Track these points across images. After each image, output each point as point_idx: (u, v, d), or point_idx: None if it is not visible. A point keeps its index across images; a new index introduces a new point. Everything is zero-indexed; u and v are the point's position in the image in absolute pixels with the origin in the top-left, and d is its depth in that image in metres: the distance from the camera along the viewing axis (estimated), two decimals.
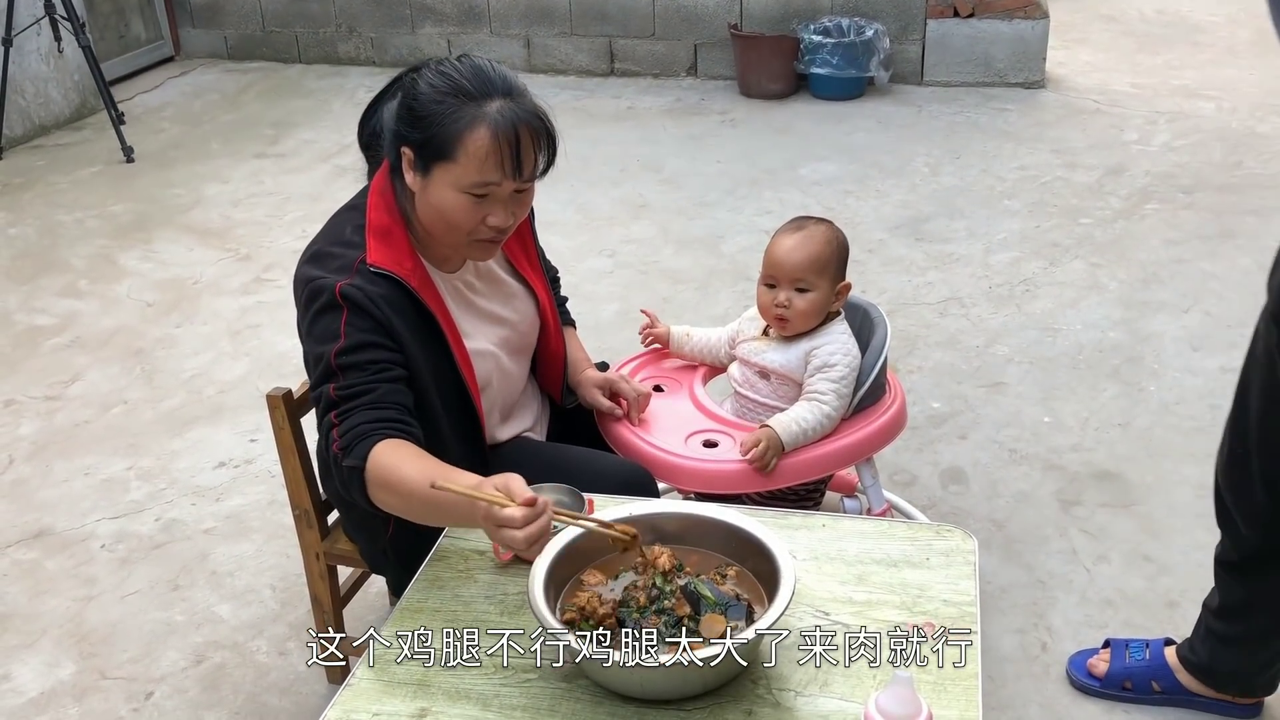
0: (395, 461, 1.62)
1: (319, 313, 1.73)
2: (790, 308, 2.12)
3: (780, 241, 2.13)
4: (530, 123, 1.72)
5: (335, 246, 1.79)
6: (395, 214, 1.81)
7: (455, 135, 1.69)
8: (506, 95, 1.71)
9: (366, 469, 1.64)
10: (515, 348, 2.01)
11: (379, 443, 1.65)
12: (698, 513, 1.63)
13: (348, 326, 1.70)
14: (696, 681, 1.40)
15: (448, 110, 1.69)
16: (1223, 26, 6.93)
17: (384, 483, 1.63)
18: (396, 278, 1.75)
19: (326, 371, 1.71)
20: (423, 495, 1.57)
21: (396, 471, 1.61)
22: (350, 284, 1.71)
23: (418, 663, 1.50)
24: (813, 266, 2.10)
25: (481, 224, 1.75)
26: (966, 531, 1.71)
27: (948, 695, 1.40)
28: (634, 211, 4.61)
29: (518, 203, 1.78)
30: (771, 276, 2.13)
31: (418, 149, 1.73)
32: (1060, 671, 2.27)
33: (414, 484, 1.59)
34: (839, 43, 5.59)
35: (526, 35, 6.40)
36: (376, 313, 1.71)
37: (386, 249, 1.77)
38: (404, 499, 1.62)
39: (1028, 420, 3.11)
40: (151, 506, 2.94)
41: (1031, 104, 5.62)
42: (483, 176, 1.70)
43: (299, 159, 5.34)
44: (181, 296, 4.08)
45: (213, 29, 6.88)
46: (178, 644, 2.47)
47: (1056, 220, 4.34)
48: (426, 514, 1.63)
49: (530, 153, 1.72)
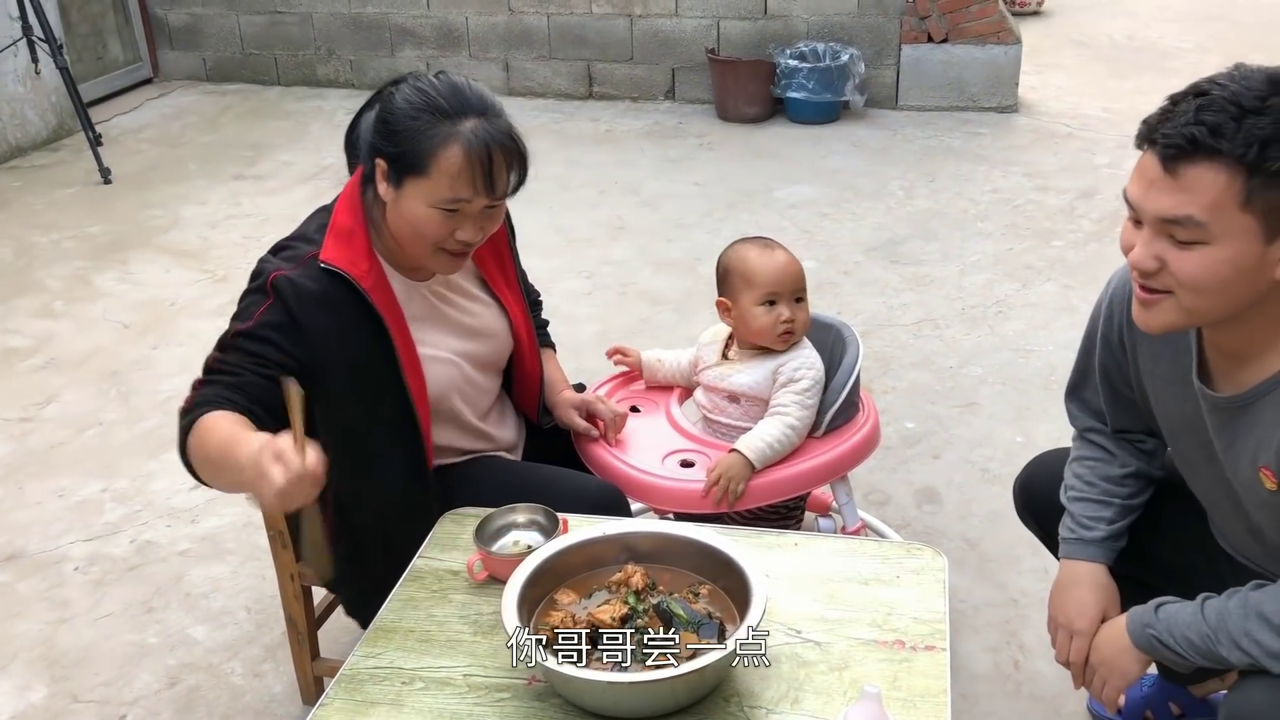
0: (218, 420, 1.63)
1: (249, 292, 1.79)
2: (796, 320, 2.17)
3: (770, 261, 2.17)
4: (503, 142, 1.74)
5: (296, 240, 1.84)
6: (359, 217, 1.83)
7: (429, 151, 1.72)
8: (481, 114, 1.74)
9: (191, 430, 1.64)
10: (482, 361, 2.02)
11: (217, 410, 1.65)
12: (670, 532, 1.64)
13: (262, 314, 1.74)
14: (669, 699, 1.41)
15: (422, 126, 1.72)
16: (1191, 53, 7.05)
17: (200, 439, 1.63)
18: (347, 276, 1.77)
19: (221, 342, 1.76)
20: (219, 438, 1.58)
21: (212, 426, 1.62)
22: (286, 276, 1.74)
23: (391, 683, 1.50)
24: (803, 276, 2.20)
25: (450, 237, 1.78)
26: (937, 550, 1.73)
27: (918, 712, 1.42)
28: (612, 233, 4.64)
29: (488, 218, 1.80)
30: (773, 294, 2.16)
31: (391, 162, 1.76)
32: (1033, 689, 2.29)
33: (216, 433, 1.59)
34: (815, 67, 5.66)
35: (505, 59, 6.44)
36: (299, 312, 1.74)
37: (343, 249, 1.79)
38: (204, 448, 1.62)
39: (1001, 440, 3.14)
40: (126, 528, 2.93)
41: (1004, 128, 5.69)
42: (454, 193, 1.73)
43: (277, 180, 5.35)
44: (158, 318, 4.07)
45: (191, 51, 6.89)
46: (151, 666, 2.46)
47: (1029, 243, 4.39)
48: (213, 461, 1.60)
49: (502, 171, 1.75)
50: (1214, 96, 1.34)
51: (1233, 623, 1.50)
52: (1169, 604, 1.61)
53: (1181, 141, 1.34)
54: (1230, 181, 1.33)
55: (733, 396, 2.22)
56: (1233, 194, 1.33)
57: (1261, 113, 1.31)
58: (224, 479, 1.62)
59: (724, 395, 2.23)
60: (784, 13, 5.90)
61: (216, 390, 1.70)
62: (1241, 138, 1.31)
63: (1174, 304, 1.44)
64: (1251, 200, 1.33)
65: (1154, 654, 1.62)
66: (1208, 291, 1.40)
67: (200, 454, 1.65)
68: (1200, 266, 1.38)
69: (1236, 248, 1.36)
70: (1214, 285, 1.39)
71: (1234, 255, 1.36)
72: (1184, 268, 1.39)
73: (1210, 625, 1.52)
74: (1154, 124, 1.39)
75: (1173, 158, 1.35)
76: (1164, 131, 1.36)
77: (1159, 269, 1.42)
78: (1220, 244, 1.36)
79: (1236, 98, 1.33)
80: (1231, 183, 1.33)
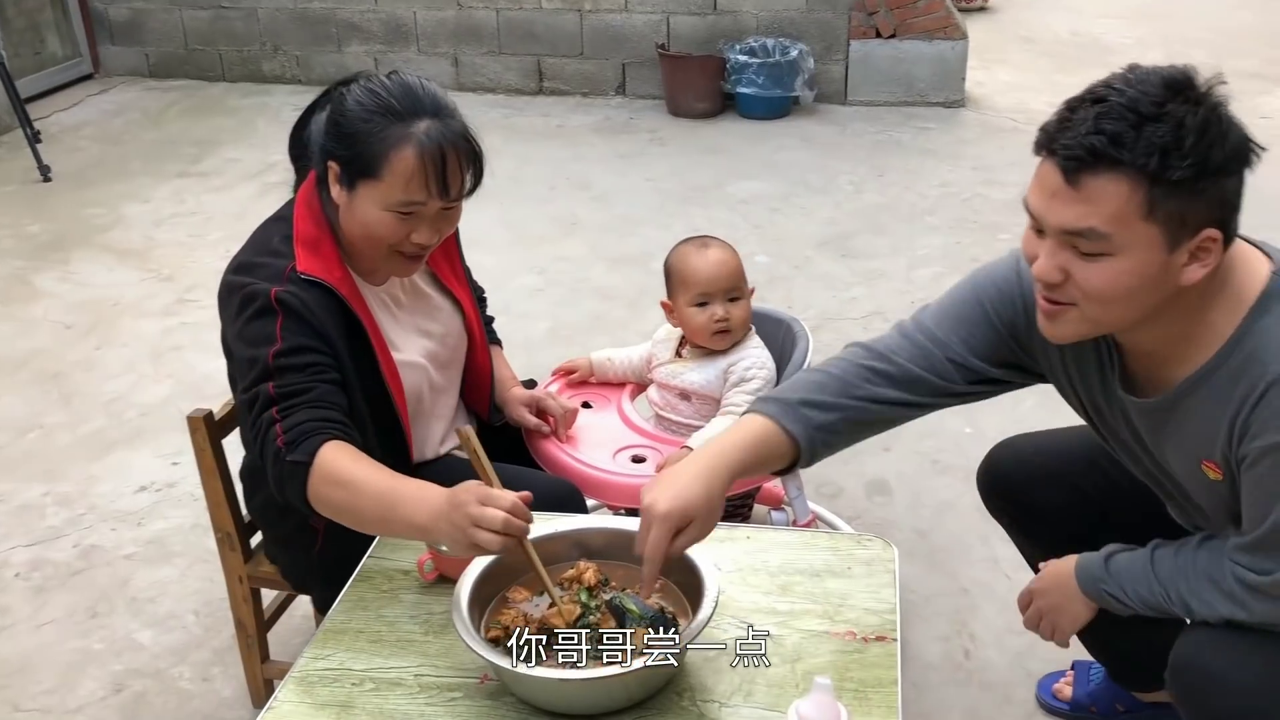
0: (346, 460, 1.61)
1: (253, 317, 1.71)
2: (731, 318, 2.16)
3: (700, 261, 2.16)
4: (457, 143, 1.72)
5: (263, 256, 1.78)
6: (323, 225, 1.80)
7: (381, 154, 1.69)
8: (435, 115, 1.72)
9: (313, 465, 1.61)
10: (443, 362, 2.00)
11: (327, 441, 1.63)
12: (623, 527, 1.64)
13: (284, 331, 1.69)
14: (621, 695, 1.41)
15: (374, 129, 1.69)
16: (1133, 48, 7.16)
17: (334, 479, 1.60)
18: (328, 286, 1.74)
19: (264, 372, 1.68)
20: (374, 491, 1.56)
21: (348, 469, 1.60)
22: (284, 290, 1.70)
23: (342, 684, 1.49)
24: (737, 274, 2.19)
25: (405, 240, 1.75)
26: (887, 541, 1.75)
27: (869, 702, 1.43)
28: (564, 229, 4.63)
29: (444, 220, 1.78)
30: (704, 295, 2.16)
31: (344, 165, 1.73)
32: (983, 678, 2.32)
33: (367, 481, 1.58)
34: (764, 63, 5.68)
35: (455, 54, 6.39)
36: (311, 319, 1.71)
37: (316, 258, 1.76)
38: (353, 495, 1.59)
39: (950, 432, 3.17)
40: (69, 533, 2.87)
41: (952, 122, 5.74)
42: (408, 195, 1.71)
43: (223, 178, 5.27)
44: (100, 318, 3.99)
45: (133, 46, 6.77)
46: (96, 673, 2.41)
47: (976, 236, 4.44)
48: (374, 513, 1.59)
49: (457, 173, 1.73)
50: (1112, 104, 1.32)
51: (1184, 583, 1.54)
52: (1119, 554, 1.62)
53: (1081, 152, 1.32)
54: (1132, 192, 1.31)
55: (684, 394, 2.22)
56: (1135, 204, 1.32)
57: (1160, 119, 1.30)
58: (380, 530, 1.67)
59: (676, 393, 2.23)
60: (733, 8, 5.92)
61: (308, 414, 1.65)
62: (1142, 147, 1.29)
63: (1079, 314, 1.43)
64: (1154, 210, 1.32)
65: (1104, 605, 1.64)
66: (1114, 302, 1.39)
67: (341, 505, 1.62)
68: (1105, 278, 1.37)
69: (1141, 257, 1.35)
70: (1119, 296, 1.38)
71: (1138, 265, 1.35)
72: (1089, 280, 1.38)
73: (1161, 582, 1.56)
74: (1052, 132, 1.37)
75: (1074, 169, 1.33)
76: (1063, 142, 1.34)
77: (1064, 280, 1.40)
78: (1124, 255, 1.35)
79: (1134, 104, 1.30)
80: (1134, 193, 1.31)
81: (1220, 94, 1.35)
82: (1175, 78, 1.33)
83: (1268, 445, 1.40)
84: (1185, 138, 1.29)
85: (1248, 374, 1.41)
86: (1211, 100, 1.34)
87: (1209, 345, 1.45)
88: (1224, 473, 1.49)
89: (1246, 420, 1.41)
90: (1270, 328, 1.41)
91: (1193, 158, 1.30)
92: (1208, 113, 1.32)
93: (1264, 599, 1.48)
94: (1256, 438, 1.41)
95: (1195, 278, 1.38)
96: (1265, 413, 1.39)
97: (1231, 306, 1.43)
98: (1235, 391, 1.42)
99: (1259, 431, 1.40)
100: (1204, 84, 1.34)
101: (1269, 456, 1.40)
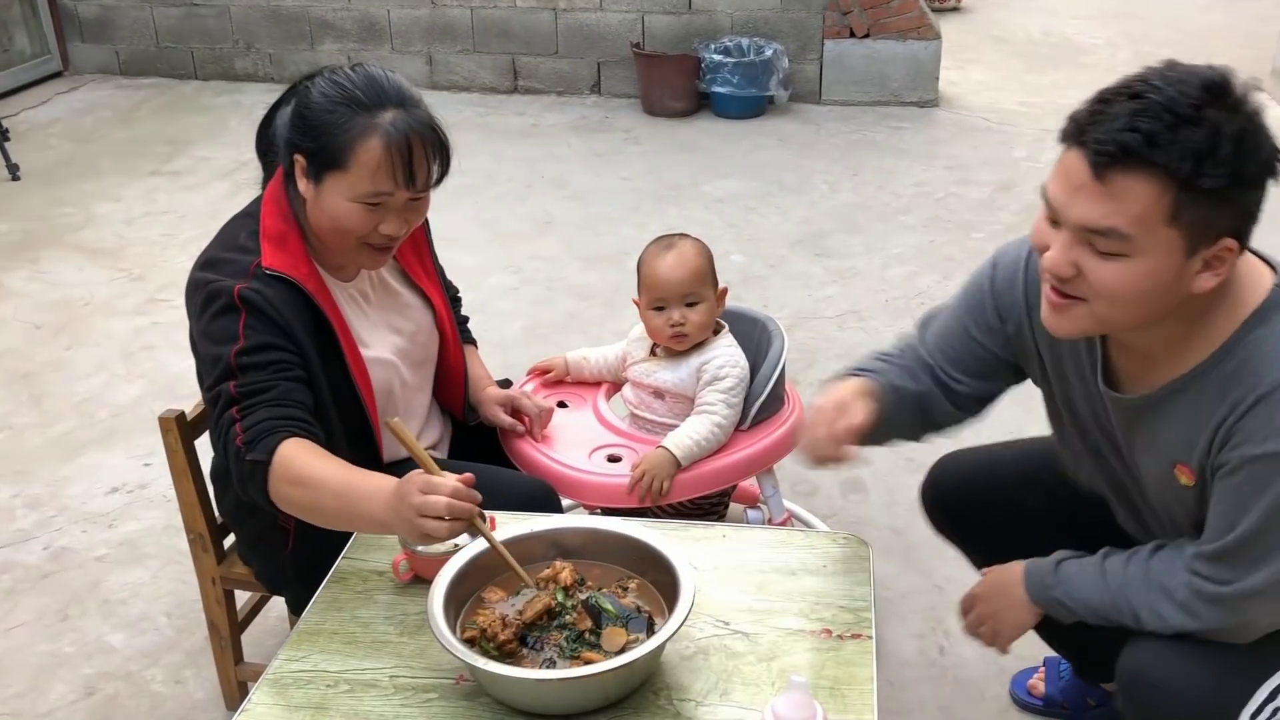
0: (305, 457, 1.61)
1: (216, 314, 1.71)
2: (687, 323, 2.14)
3: (659, 264, 2.15)
4: (423, 133, 1.72)
5: (229, 252, 1.77)
6: (290, 220, 1.79)
7: (347, 145, 1.69)
8: (400, 105, 1.72)
9: (272, 464, 1.61)
10: (414, 360, 2.00)
11: (286, 439, 1.63)
12: (599, 526, 1.64)
13: (246, 329, 1.68)
14: (598, 695, 1.41)
15: (339, 120, 1.69)
16: (1104, 49, 7.22)
17: (293, 478, 1.60)
18: (293, 281, 1.73)
19: (225, 371, 1.68)
20: (334, 488, 1.57)
21: (307, 467, 1.60)
22: (248, 287, 1.70)
23: (316, 686, 1.48)
24: (696, 279, 2.14)
25: (373, 232, 1.75)
26: (862, 539, 1.75)
27: (844, 700, 1.43)
28: (540, 228, 4.62)
29: (412, 210, 1.78)
30: (660, 299, 2.15)
31: (309, 157, 1.73)
32: (958, 674, 2.33)
33: (325, 479, 1.58)
34: (739, 62, 5.69)
35: (429, 52, 6.37)
36: (275, 315, 1.70)
37: (282, 254, 1.75)
38: (313, 493, 1.60)
39: None
40: (39, 535, 2.84)
41: (926, 122, 5.77)
42: (375, 186, 1.70)
43: (195, 177, 5.23)
44: (71, 318, 3.95)
45: (103, 44, 6.70)
46: (66, 676, 2.39)
47: (950, 235, 4.46)
48: (335, 510, 1.60)
49: (423, 163, 1.72)
50: (1149, 100, 1.28)
51: (1135, 593, 1.53)
52: (1069, 561, 1.61)
53: (1114, 149, 1.28)
54: (1160, 195, 1.28)
55: (658, 393, 2.22)
56: (1161, 208, 1.29)
57: (1197, 124, 1.26)
58: (346, 526, 1.66)
59: (650, 391, 2.23)
60: (708, 7, 5.92)
61: (267, 412, 1.65)
62: (1177, 150, 1.26)
63: (1087, 311, 1.40)
64: (1179, 215, 1.29)
65: (1052, 612, 1.63)
66: (1125, 303, 1.37)
67: (303, 503, 1.63)
68: (1119, 279, 1.34)
69: (1158, 261, 1.32)
70: (1132, 298, 1.36)
71: (1154, 269, 1.33)
72: (1102, 278, 1.35)
73: (1111, 591, 1.54)
74: (1083, 123, 1.33)
75: (1104, 164, 1.29)
76: (1096, 135, 1.30)
77: (1075, 275, 1.38)
78: (1142, 257, 1.32)
79: (1172, 104, 1.27)
80: (1161, 196, 1.28)
81: (1257, 101, 1.32)
82: (1215, 80, 1.30)
83: (1249, 456, 1.39)
84: (1221, 146, 1.26)
85: (1239, 382, 1.39)
86: (1249, 108, 1.31)
87: (1201, 349, 1.43)
88: (1196, 479, 1.48)
89: (1231, 429, 1.40)
90: (1266, 338, 1.39)
91: (1226, 167, 1.27)
92: (1244, 121, 1.29)
93: (1219, 609, 1.47)
94: (1238, 447, 1.40)
95: (1207, 286, 1.36)
96: (1251, 424, 1.38)
97: (1230, 313, 1.41)
98: (1223, 398, 1.41)
99: (1242, 441, 1.39)
100: (1241, 89, 1.31)
101: (1248, 467, 1.39)
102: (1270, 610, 1.47)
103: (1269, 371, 1.37)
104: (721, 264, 2.27)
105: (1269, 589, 1.43)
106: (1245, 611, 1.47)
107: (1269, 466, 1.37)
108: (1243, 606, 1.46)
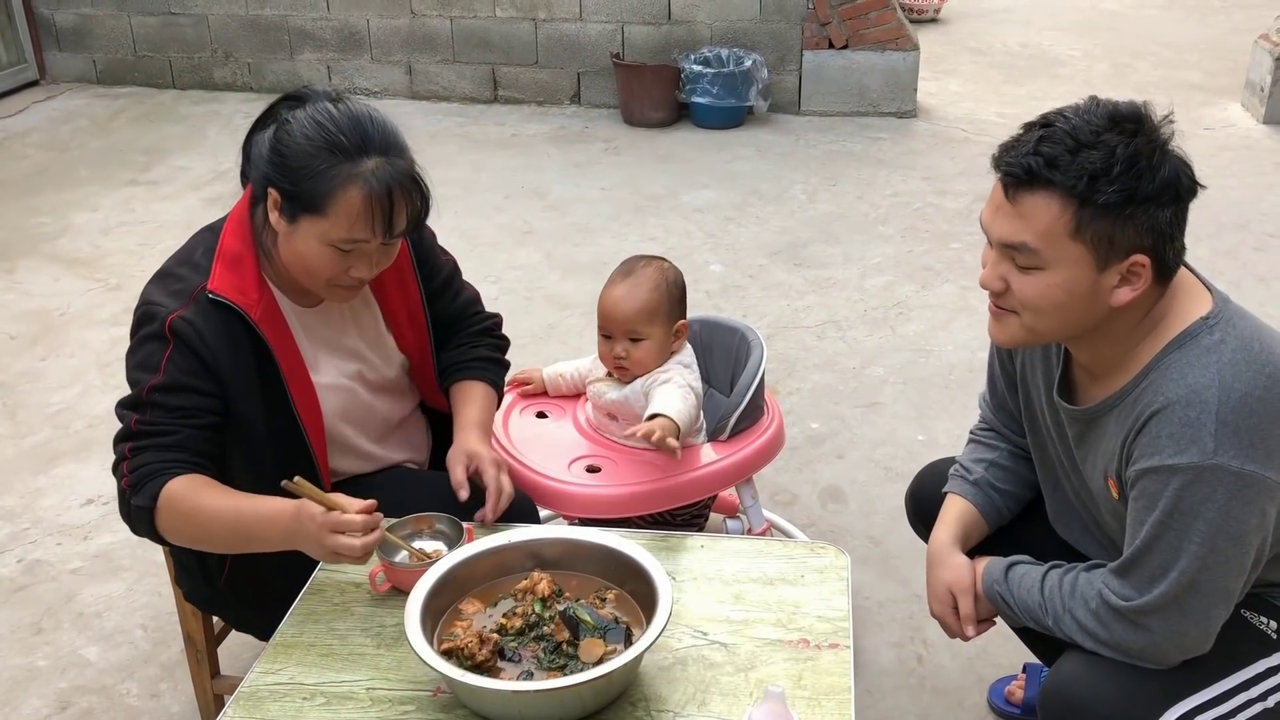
0: (192, 493, 1.65)
1: (145, 339, 1.71)
2: (628, 357, 2.10)
3: (609, 292, 2.10)
4: (404, 183, 1.69)
5: (182, 267, 1.77)
6: (249, 243, 1.77)
7: (327, 192, 1.65)
8: (383, 153, 1.68)
9: (157, 506, 1.65)
10: (377, 385, 1.95)
11: (172, 479, 1.65)
12: (577, 537, 1.64)
13: (169, 363, 1.68)
14: (575, 706, 1.41)
15: (319, 166, 1.65)
16: (1080, 60, 7.29)
17: (182, 512, 1.65)
18: (236, 308, 1.71)
19: (136, 400, 1.71)
20: (227, 519, 1.63)
21: (194, 502, 1.64)
22: (182, 318, 1.68)
23: (292, 699, 1.47)
24: (641, 316, 2.07)
25: (344, 274, 1.73)
26: (840, 548, 1.76)
27: (822, 709, 1.44)
28: (519, 237, 4.62)
29: (384, 254, 1.76)
30: (605, 328, 2.12)
31: (286, 197, 1.69)
32: (936, 684, 2.34)
33: (216, 511, 1.64)
34: (719, 73, 5.71)
35: (408, 62, 6.36)
36: (204, 352, 1.69)
37: (232, 276, 1.73)
38: (203, 526, 1.66)
39: (903, 439, 3.20)
40: (13, 547, 2.82)
41: (904, 133, 5.81)
42: (351, 234, 1.68)
43: (172, 186, 5.20)
44: (47, 328, 3.92)
45: (80, 53, 6.67)
46: (40, 690, 2.37)
47: (928, 245, 4.49)
48: (229, 540, 1.68)
49: (402, 212, 1.70)
50: (1056, 129, 1.43)
51: (1058, 600, 1.60)
52: (1020, 565, 1.69)
53: (1019, 171, 1.43)
54: (1062, 211, 1.42)
55: (610, 414, 2.19)
56: (1064, 223, 1.42)
57: (1095, 147, 1.40)
58: (243, 549, 1.70)
59: (604, 412, 2.21)
60: (688, 18, 5.95)
61: (158, 456, 1.67)
62: (1074, 170, 1.40)
63: (1019, 322, 1.54)
64: (1081, 230, 1.42)
65: (1000, 611, 1.72)
66: (1046, 313, 1.50)
67: (191, 530, 1.67)
68: (1037, 290, 1.48)
69: (1070, 273, 1.45)
70: (1051, 308, 1.49)
71: (1067, 280, 1.46)
72: (1024, 290, 1.49)
73: (1044, 598, 1.62)
74: (1003, 150, 1.48)
75: (1013, 185, 1.45)
76: (1008, 160, 1.45)
77: (1004, 289, 1.52)
78: (1054, 270, 1.46)
79: (1075, 131, 1.41)
80: (1063, 212, 1.42)
81: (1167, 131, 1.44)
82: (1122, 111, 1.44)
83: (1141, 470, 1.48)
84: (1114, 165, 1.40)
85: (1143, 401, 1.49)
86: (1154, 135, 1.43)
87: (1132, 369, 1.54)
88: (1120, 493, 1.57)
89: (1131, 445, 1.51)
90: (1174, 362, 1.49)
91: (1119, 184, 1.40)
92: (1141, 145, 1.41)
93: (1122, 624, 1.53)
94: (1135, 462, 1.50)
95: (1124, 299, 1.47)
96: (1144, 439, 1.48)
97: (1159, 338, 1.52)
98: (1132, 415, 1.51)
99: (1138, 456, 1.49)
100: (1152, 120, 1.44)
101: (1141, 481, 1.49)
102: (1173, 630, 1.51)
103: (1166, 390, 1.47)
104: (700, 274, 2.27)
105: (1164, 606, 1.49)
106: (1148, 629, 1.51)
107: (1156, 480, 1.46)
108: (1143, 623, 1.51)
